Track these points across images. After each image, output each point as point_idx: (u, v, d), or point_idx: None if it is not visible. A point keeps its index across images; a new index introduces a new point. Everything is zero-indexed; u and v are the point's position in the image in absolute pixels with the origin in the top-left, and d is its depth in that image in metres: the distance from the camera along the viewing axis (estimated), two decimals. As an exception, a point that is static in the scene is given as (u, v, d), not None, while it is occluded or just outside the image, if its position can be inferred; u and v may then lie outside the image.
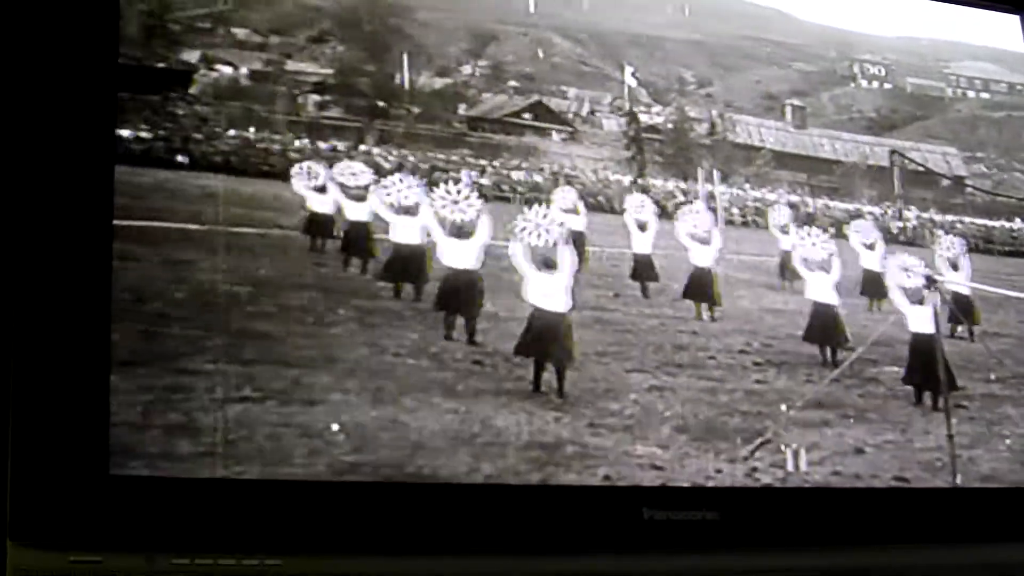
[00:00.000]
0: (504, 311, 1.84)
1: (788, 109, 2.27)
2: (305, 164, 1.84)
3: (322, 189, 1.85)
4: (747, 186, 2.15)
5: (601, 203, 2.07)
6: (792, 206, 2.17)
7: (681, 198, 2.08)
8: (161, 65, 1.78)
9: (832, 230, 2.13)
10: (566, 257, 1.89)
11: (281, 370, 1.62)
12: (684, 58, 2.21)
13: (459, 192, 1.91)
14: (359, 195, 1.88)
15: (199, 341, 1.60)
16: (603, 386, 1.81)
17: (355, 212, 1.86)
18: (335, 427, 1.60)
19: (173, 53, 1.81)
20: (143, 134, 1.74)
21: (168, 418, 1.51)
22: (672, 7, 2.23)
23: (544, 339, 1.82)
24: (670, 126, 2.15)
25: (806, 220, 2.15)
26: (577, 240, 1.97)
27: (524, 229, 1.88)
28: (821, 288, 2.07)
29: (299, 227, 1.79)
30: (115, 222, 1.60)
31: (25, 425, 1.38)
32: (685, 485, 1.71)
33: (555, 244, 1.88)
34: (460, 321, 1.81)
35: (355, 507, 1.55)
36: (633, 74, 2.16)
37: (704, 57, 2.23)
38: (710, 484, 1.74)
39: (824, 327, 2.02)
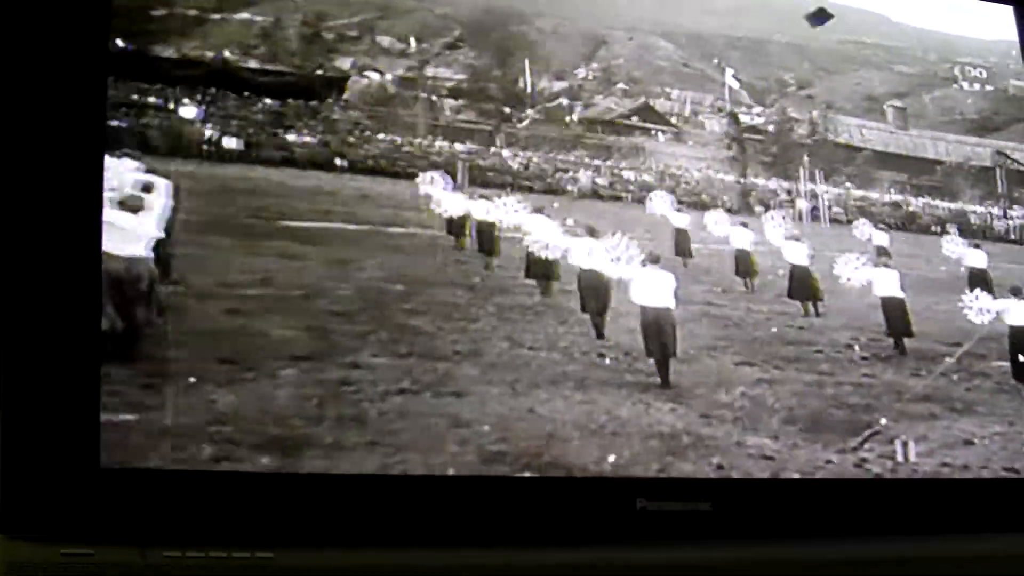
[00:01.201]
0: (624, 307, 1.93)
1: (889, 110, 2.31)
2: (430, 173, 1.96)
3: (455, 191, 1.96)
4: (849, 185, 2.24)
5: (705, 201, 2.18)
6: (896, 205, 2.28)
7: (784, 196, 2.21)
8: (319, 72, 1.90)
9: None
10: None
11: (433, 363, 1.71)
12: (784, 60, 2.29)
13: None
14: (487, 196, 1.99)
15: (364, 336, 1.69)
16: (713, 379, 1.89)
17: (483, 212, 1.98)
18: (480, 418, 1.69)
19: (328, 60, 1.92)
20: (307, 138, 1.88)
21: (340, 411, 1.60)
22: (770, 11, 2.31)
23: (650, 334, 1.91)
24: (771, 127, 2.23)
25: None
26: (681, 238, 2.10)
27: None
28: (889, 283, 2.14)
29: (441, 227, 1.90)
30: (283, 223, 1.73)
31: (16, 419, 1.37)
32: (679, 476, 1.72)
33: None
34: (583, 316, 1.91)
35: (344, 499, 1.55)
36: (734, 76, 2.25)
37: (804, 60, 2.29)
38: (819, 475, 1.81)
39: (896, 318, 2.10)
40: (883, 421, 1.90)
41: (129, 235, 1.55)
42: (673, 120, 2.24)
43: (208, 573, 1.39)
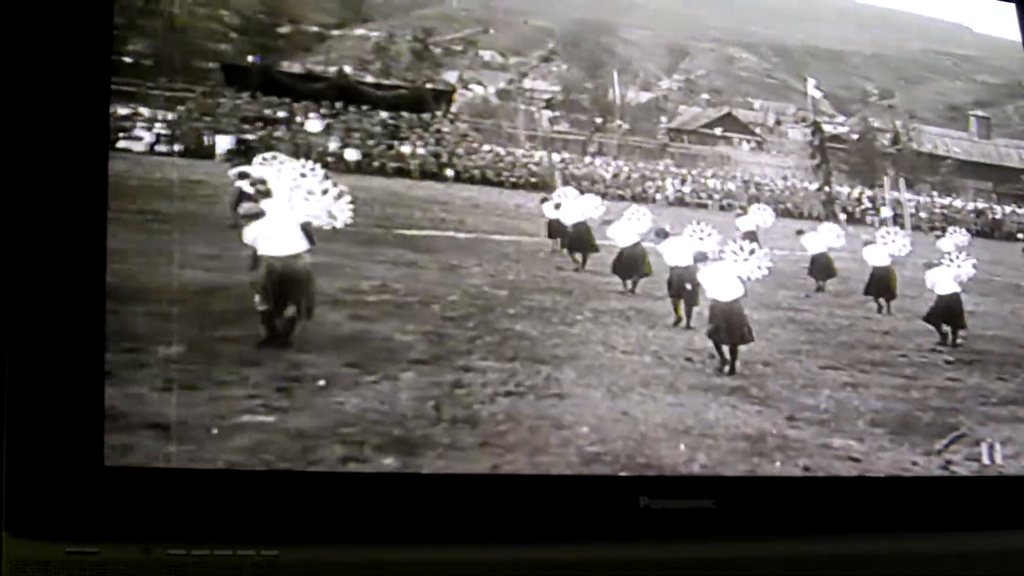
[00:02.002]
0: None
1: (972, 120, 2.33)
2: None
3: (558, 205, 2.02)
4: (934, 193, 2.27)
5: (789, 209, 2.22)
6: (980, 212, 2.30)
7: (867, 204, 2.23)
8: (429, 85, 1.94)
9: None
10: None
11: (535, 367, 1.74)
12: (866, 71, 2.30)
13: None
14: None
15: (473, 340, 1.73)
16: (799, 382, 1.91)
17: (575, 216, 2.03)
18: (579, 420, 1.71)
19: (436, 74, 1.96)
20: (420, 150, 1.93)
21: (454, 412, 1.62)
22: (850, 22, 2.33)
23: (723, 327, 1.94)
24: (854, 136, 2.25)
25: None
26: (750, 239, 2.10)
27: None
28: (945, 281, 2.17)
29: (542, 233, 1.96)
30: (400, 231, 1.79)
31: (20, 418, 1.35)
32: (685, 473, 1.72)
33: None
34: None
35: (343, 497, 1.53)
36: (816, 86, 2.28)
37: (886, 70, 2.31)
38: (906, 475, 1.83)
39: (950, 312, 2.13)
40: (968, 425, 1.91)
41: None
42: (756, 130, 2.27)
43: (213, 570, 1.37)
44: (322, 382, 1.55)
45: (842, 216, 2.20)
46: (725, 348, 1.91)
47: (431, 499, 1.55)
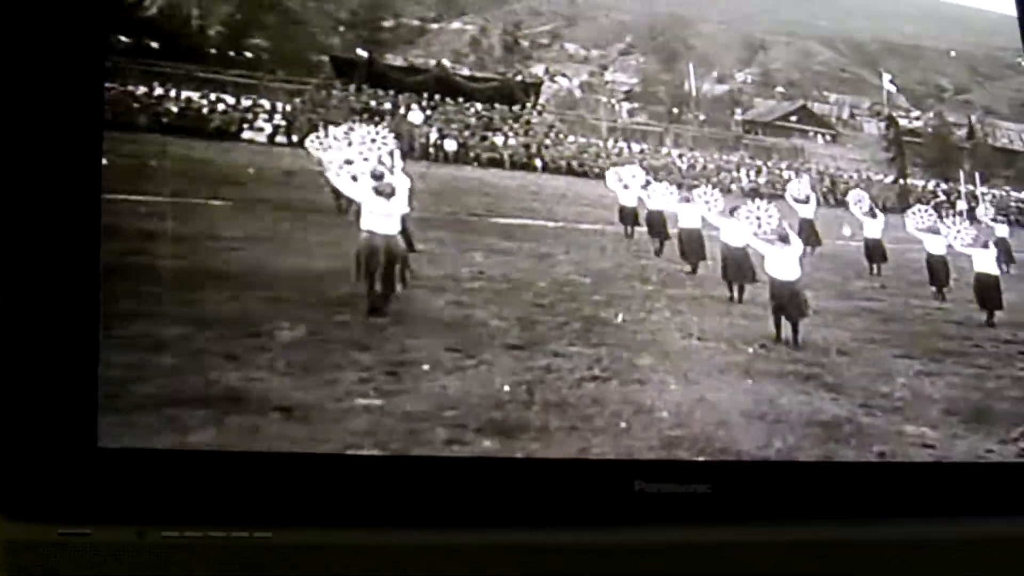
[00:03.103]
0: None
1: None
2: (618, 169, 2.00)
3: (627, 186, 2.00)
4: (1007, 188, 2.23)
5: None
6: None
7: (942, 198, 2.21)
8: (518, 78, 1.94)
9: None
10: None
11: (618, 352, 1.74)
12: (941, 66, 2.27)
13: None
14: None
15: (562, 327, 1.73)
16: (873, 370, 1.89)
17: (654, 203, 2.02)
18: (659, 405, 1.71)
19: (525, 67, 1.96)
20: (511, 141, 1.94)
21: (546, 396, 1.63)
22: (926, 17, 2.31)
23: (782, 302, 1.95)
24: (929, 130, 2.22)
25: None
26: (805, 226, 2.09)
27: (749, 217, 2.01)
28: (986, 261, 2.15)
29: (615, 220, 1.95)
30: (494, 220, 1.80)
31: (12, 398, 1.32)
32: (685, 457, 1.68)
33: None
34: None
35: (339, 479, 1.49)
36: (891, 80, 2.25)
37: (961, 66, 2.27)
38: (981, 462, 1.80)
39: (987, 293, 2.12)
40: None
41: (387, 216, 1.64)
42: (831, 122, 2.25)
43: (206, 552, 1.35)
44: (426, 366, 1.56)
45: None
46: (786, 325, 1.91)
47: (427, 483, 1.51)
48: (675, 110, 2.10)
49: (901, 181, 2.19)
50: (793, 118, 2.23)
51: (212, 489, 1.39)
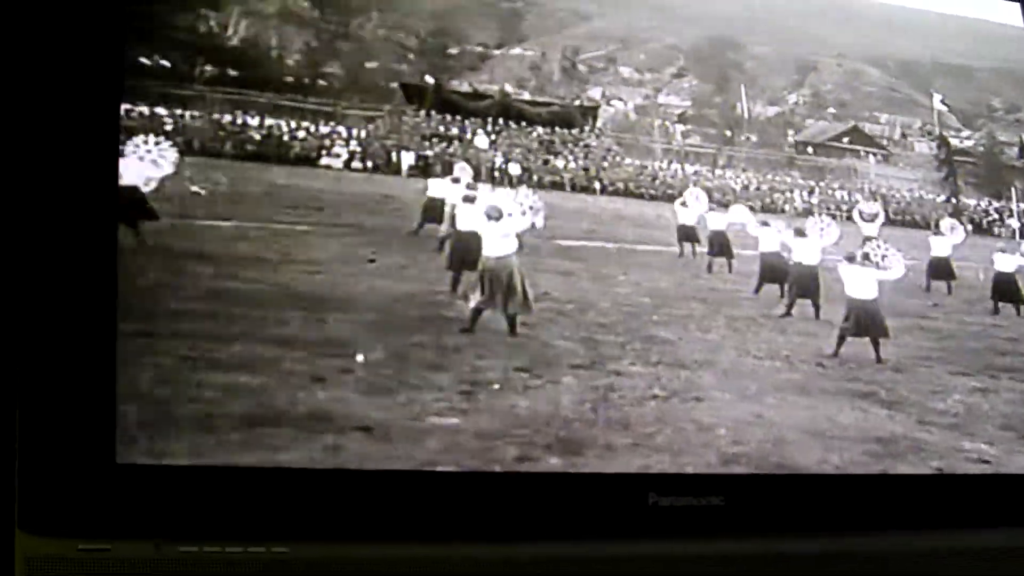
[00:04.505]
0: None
1: None
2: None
3: (685, 203, 1.98)
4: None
5: (916, 220, 2.17)
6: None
7: (994, 216, 2.17)
8: (576, 102, 1.93)
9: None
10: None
11: (677, 371, 1.72)
12: (991, 86, 2.23)
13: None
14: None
15: (623, 346, 1.72)
16: (929, 387, 1.86)
17: (717, 222, 2.01)
18: (718, 422, 1.69)
19: (583, 91, 1.94)
20: (571, 163, 1.93)
21: (608, 414, 1.62)
22: (975, 37, 2.27)
23: (863, 322, 1.93)
24: (980, 149, 2.18)
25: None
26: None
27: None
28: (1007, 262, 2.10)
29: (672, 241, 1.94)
30: (557, 242, 1.78)
31: (32, 415, 1.30)
32: (692, 471, 1.64)
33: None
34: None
35: (356, 495, 1.45)
36: (942, 101, 2.22)
37: (1012, 85, 2.23)
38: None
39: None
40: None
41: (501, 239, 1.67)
42: (883, 142, 2.23)
43: (224, 567, 1.32)
44: (497, 386, 1.55)
45: (969, 227, 2.14)
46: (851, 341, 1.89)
47: (442, 497, 1.49)
48: (728, 132, 2.09)
49: (953, 200, 2.15)
50: (845, 139, 2.20)
51: (230, 504, 1.37)
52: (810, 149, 2.15)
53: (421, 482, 1.46)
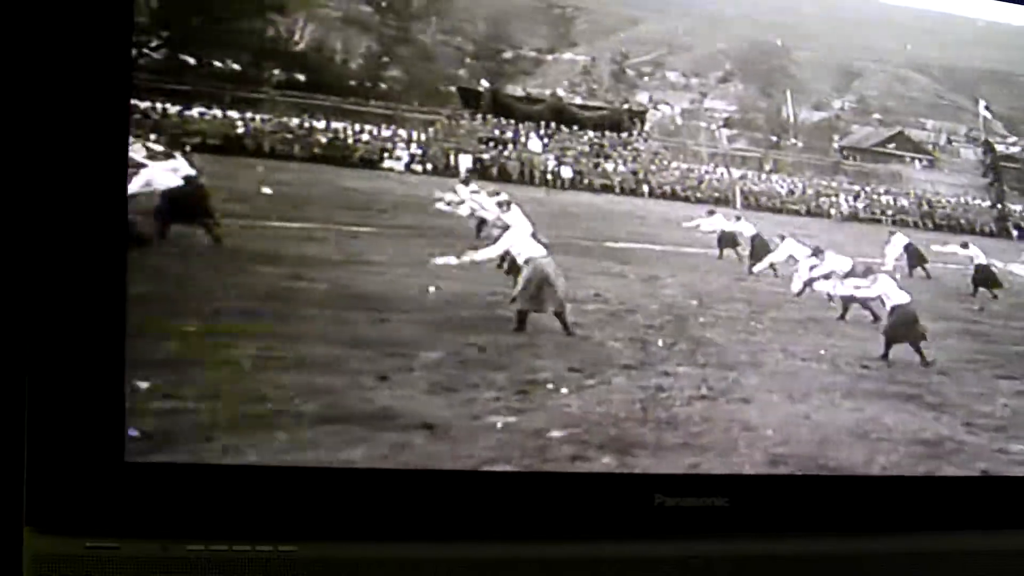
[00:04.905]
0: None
1: None
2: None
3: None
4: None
5: (962, 225, 2.14)
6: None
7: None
8: (625, 106, 1.91)
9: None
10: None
11: (724, 372, 1.71)
12: (1036, 92, 2.23)
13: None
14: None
15: (671, 347, 1.71)
16: (974, 390, 1.84)
17: (749, 228, 1.98)
18: (764, 423, 1.69)
19: (631, 95, 1.92)
20: (621, 167, 1.92)
21: (658, 414, 1.62)
22: (1021, 46, 2.24)
23: (899, 326, 1.90)
24: (1026, 155, 2.18)
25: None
26: (912, 250, 2.06)
27: None
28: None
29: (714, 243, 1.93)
30: (607, 244, 1.78)
31: (41, 414, 1.30)
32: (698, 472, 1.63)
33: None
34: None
35: (362, 493, 1.43)
36: (987, 107, 2.19)
37: (1058, 91, 2.23)
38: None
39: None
40: None
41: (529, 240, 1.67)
42: (928, 148, 2.20)
43: (231, 567, 1.31)
44: (551, 385, 1.55)
45: (1015, 232, 2.11)
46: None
47: (443, 495, 1.47)
48: (774, 136, 2.07)
49: (999, 206, 2.12)
50: (891, 144, 2.17)
51: (237, 503, 1.36)
52: (849, 155, 2.12)
53: (425, 482, 1.44)
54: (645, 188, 1.93)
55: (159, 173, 1.42)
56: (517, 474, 1.49)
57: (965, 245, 2.10)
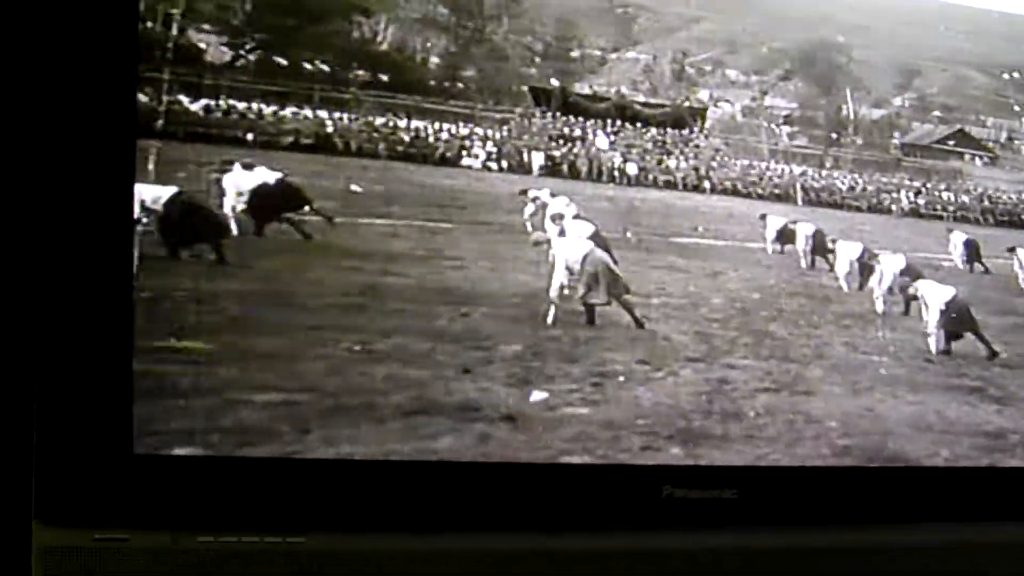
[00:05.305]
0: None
1: None
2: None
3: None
4: None
5: (1023, 220, 2.11)
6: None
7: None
8: (686, 104, 1.90)
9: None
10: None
11: (787, 365, 1.70)
12: (1097, 88, 2.19)
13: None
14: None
15: (734, 340, 1.71)
16: (1038, 383, 1.81)
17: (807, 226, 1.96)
18: (828, 415, 1.67)
19: (692, 93, 1.91)
20: (683, 163, 1.91)
21: (723, 406, 1.61)
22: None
23: (952, 318, 1.87)
24: (1089, 152, 2.13)
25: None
26: (971, 245, 2.06)
27: None
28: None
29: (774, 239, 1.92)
30: (671, 239, 1.78)
31: (50, 406, 1.26)
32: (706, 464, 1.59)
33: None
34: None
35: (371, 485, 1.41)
36: (1048, 103, 2.15)
37: (1118, 87, 2.19)
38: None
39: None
40: None
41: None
42: (988, 145, 2.17)
43: (241, 558, 1.29)
44: (622, 378, 1.55)
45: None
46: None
47: (456, 485, 1.44)
48: (834, 133, 2.05)
49: (1061, 201, 2.08)
50: (951, 141, 2.15)
51: (246, 494, 1.33)
52: (909, 152, 2.09)
53: (427, 473, 1.42)
54: (707, 184, 1.93)
55: (247, 175, 1.45)
56: (523, 465, 1.47)
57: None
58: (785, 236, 1.95)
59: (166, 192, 1.41)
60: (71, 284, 1.29)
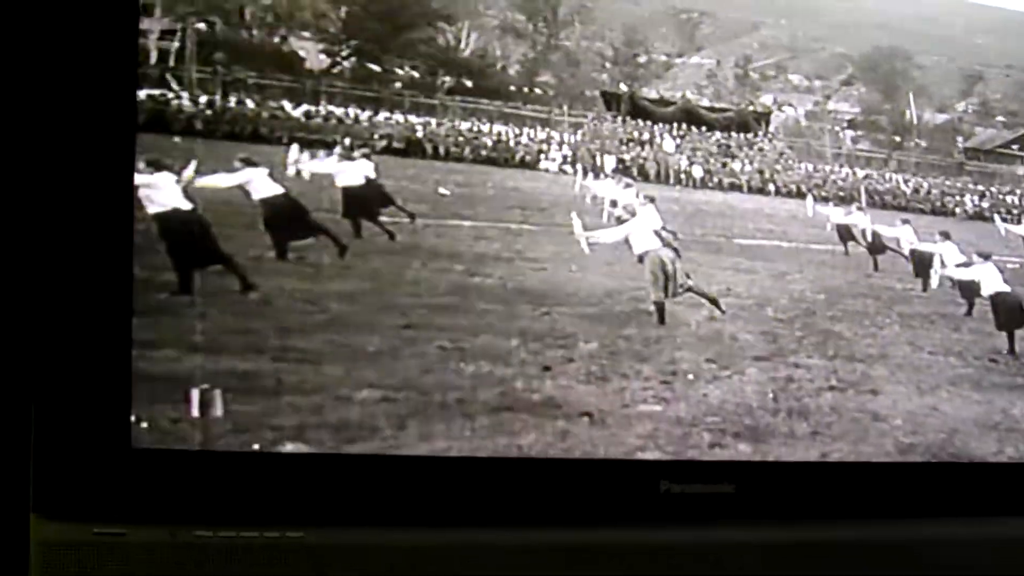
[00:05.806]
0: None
1: None
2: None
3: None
4: None
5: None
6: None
7: None
8: (750, 108, 1.90)
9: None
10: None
11: (852, 364, 1.69)
12: None
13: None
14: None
15: (800, 340, 1.70)
16: (1103, 383, 1.78)
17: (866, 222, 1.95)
18: (893, 414, 1.66)
19: (756, 97, 1.91)
20: (748, 166, 1.92)
21: (789, 404, 1.61)
22: None
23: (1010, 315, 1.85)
24: None
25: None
26: None
27: None
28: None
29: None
30: (737, 241, 1.78)
31: (48, 400, 1.23)
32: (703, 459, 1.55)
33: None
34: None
35: (370, 479, 1.38)
36: (1111, 108, 2.11)
37: None
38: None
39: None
40: None
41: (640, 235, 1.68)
42: (1052, 149, 2.14)
43: (239, 552, 1.26)
44: (691, 376, 1.56)
45: None
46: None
47: (452, 482, 1.40)
48: (897, 137, 2.03)
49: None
50: (1014, 146, 2.12)
51: (244, 489, 1.31)
52: (973, 156, 2.07)
53: (428, 468, 1.39)
54: (771, 187, 1.92)
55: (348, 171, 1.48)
56: (523, 460, 1.44)
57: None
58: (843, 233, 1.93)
59: (273, 190, 1.46)
60: (69, 278, 1.26)
